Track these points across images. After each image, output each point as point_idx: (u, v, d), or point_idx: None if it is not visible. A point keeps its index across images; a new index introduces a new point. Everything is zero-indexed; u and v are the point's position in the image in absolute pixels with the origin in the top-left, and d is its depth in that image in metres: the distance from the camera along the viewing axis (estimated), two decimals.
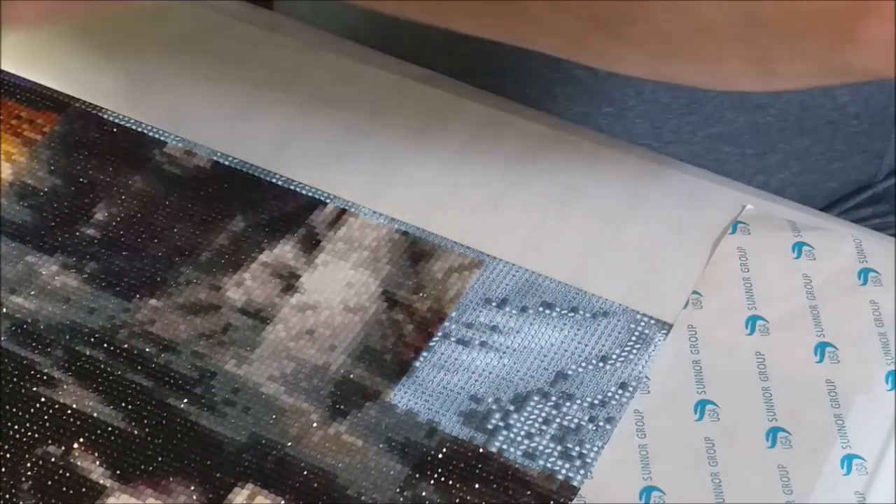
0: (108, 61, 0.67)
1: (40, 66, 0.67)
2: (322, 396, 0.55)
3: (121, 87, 0.66)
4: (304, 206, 0.61)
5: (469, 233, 0.60)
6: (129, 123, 0.65)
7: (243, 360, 0.56)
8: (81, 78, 0.66)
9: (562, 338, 0.56)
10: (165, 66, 0.67)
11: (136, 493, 0.52)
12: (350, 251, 0.59)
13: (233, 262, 0.59)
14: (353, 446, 0.53)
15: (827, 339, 0.56)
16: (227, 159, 0.63)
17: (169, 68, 0.67)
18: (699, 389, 0.54)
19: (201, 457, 0.53)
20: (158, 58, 0.67)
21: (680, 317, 0.57)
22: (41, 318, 0.57)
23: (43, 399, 0.55)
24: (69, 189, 0.62)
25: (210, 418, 0.54)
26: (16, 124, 0.65)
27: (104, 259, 0.59)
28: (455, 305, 0.57)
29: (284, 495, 0.52)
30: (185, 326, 0.57)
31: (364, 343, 0.56)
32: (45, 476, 0.53)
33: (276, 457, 0.53)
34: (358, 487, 0.52)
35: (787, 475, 0.52)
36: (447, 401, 0.54)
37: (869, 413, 0.53)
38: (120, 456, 0.53)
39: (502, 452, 0.53)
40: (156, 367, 0.56)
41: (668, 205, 0.61)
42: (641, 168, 0.62)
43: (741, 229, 0.59)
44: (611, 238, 0.60)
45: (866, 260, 0.58)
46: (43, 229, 0.61)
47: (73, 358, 0.56)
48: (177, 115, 0.65)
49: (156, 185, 0.62)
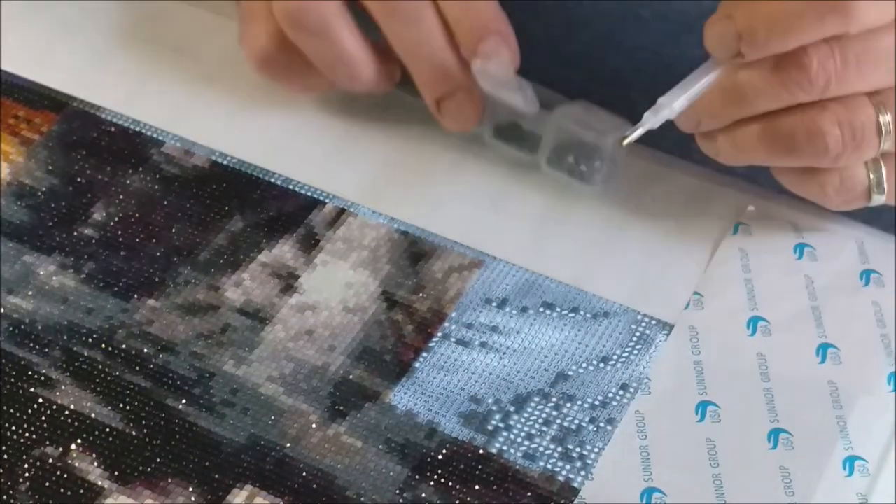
0: (106, 61, 0.67)
1: (38, 65, 0.67)
2: (321, 397, 0.55)
3: (119, 86, 0.66)
4: (303, 205, 0.61)
5: (469, 233, 0.60)
6: (127, 123, 0.64)
7: (242, 360, 0.56)
8: (79, 77, 0.66)
9: (562, 338, 0.56)
10: (164, 66, 0.67)
11: (134, 494, 0.52)
12: (349, 251, 0.59)
13: (231, 263, 0.59)
14: (353, 447, 0.53)
15: (829, 340, 0.55)
16: (225, 159, 0.63)
17: (167, 68, 0.67)
18: (700, 390, 0.54)
19: (200, 458, 0.53)
20: (157, 58, 0.67)
21: (681, 317, 0.56)
22: (39, 319, 0.57)
23: (41, 400, 0.55)
24: (67, 189, 0.62)
25: (209, 419, 0.54)
26: (13, 124, 0.64)
27: (102, 259, 0.59)
28: (455, 306, 0.57)
29: (283, 496, 0.52)
30: (183, 327, 0.57)
31: (363, 344, 0.56)
32: (43, 477, 0.52)
33: (275, 458, 0.53)
34: (357, 489, 0.52)
35: (789, 476, 0.51)
36: (447, 402, 0.54)
37: (871, 414, 0.53)
38: (118, 457, 0.53)
39: (502, 453, 0.53)
40: (154, 368, 0.56)
41: (669, 205, 0.60)
42: (643, 169, 0.61)
43: (743, 230, 0.59)
44: (612, 239, 0.60)
45: (868, 261, 0.58)
46: (41, 229, 0.60)
47: (71, 358, 0.56)
48: (175, 115, 0.65)
49: (154, 184, 0.62)
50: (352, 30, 0.59)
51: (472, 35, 0.57)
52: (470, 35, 0.58)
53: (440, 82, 0.59)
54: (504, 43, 0.57)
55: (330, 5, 0.59)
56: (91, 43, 0.68)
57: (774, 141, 0.54)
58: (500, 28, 0.58)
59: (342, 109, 0.65)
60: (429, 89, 0.60)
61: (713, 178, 0.62)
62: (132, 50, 0.68)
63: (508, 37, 0.58)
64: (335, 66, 0.60)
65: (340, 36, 0.59)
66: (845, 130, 0.52)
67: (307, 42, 0.60)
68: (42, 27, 0.69)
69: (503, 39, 0.57)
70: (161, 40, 0.68)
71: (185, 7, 0.69)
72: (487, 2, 0.58)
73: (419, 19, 0.58)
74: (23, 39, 0.68)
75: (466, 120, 0.60)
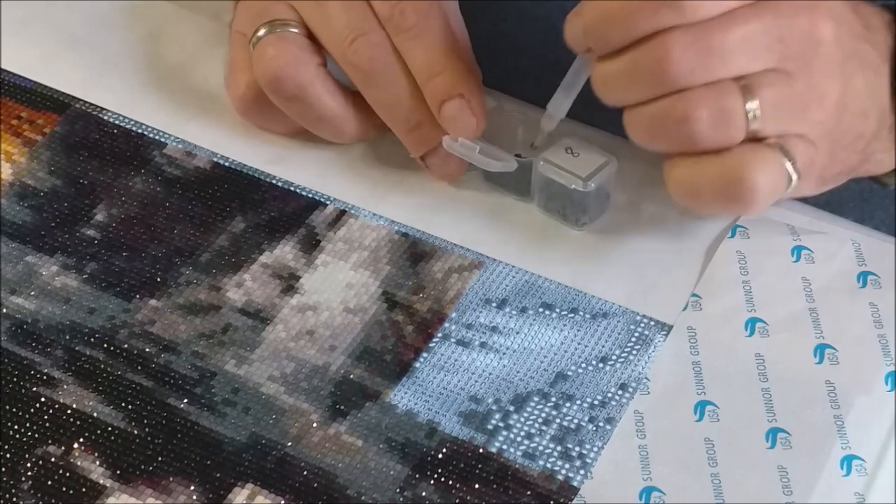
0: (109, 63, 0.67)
1: (41, 67, 0.67)
2: (322, 397, 0.55)
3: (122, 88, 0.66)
4: (304, 206, 0.61)
5: (469, 237, 0.60)
6: (130, 124, 0.65)
7: (243, 360, 0.56)
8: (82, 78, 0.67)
9: (562, 338, 0.56)
10: (166, 72, 0.67)
11: (135, 492, 0.52)
12: (350, 251, 0.59)
13: (233, 263, 0.59)
14: (353, 446, 0.53)
15: (826, 340, 0.56)
16: (226, 160, 0.63)
17: (171, 72, 0.67)
18: (699, 390, 0.54)
19: (201, 457, 0.53)
20: (160, 62, 0.68)
21: (680, 318, 0.57)
22: (41, 319, 0.57)
23: (43, 399, 0.55)
24: (69, 190, 0.62)
25: (210, 418, 0.54)
26: (16, 125, 0.65)
27: (104, 259, 0.59)
28: (455, 306, 0.57)
29: (284, 495, 0.52)
30: (185, 327, 0.57)
31: (364, 344, 0.56)
32: (45, 476, 0.53)
33: (276, 457, 0.53)
34: (358, 487, 0.52)
35: (787, 476, 0.52)
36: (447, 401, 0.54)
37: (869, 414, 0.53)
38: (120, 456, 0.53)
39: (502, 453, 0.53)
40: (156, 368, 0.56)
41: (668, 208, 0.61)
42: (642, 171, 0.62)
43: (740, 233, 0.59)
44: (611, 241, 0.60)
45: (865, 263, 0.58)
46: (43, 230, 0.61)
47: (73, 358, 0.56)
48: (178, 119, 0.65)
49: (156, 185, 0.62)
50: (331, 90, 0.60)
51: (437, 99, 0.58)
52: (434, 99, 0.58)
53: (420, 141, 0.60)
54: (466, 106, 0.58)
55: (308, 70, 0.60)
56: (94, 46, 0.68)
57: (645, 128, 0.54)
58: (465, 89, 0.58)
59: None
60: (410, 147, 0.61)
61: None
62: (135, 54, 0.68)
63: (472, 97, 0.58)
64: (317, 126, 0.62)
65: (320, 99, 0.60)
66: (713, 115, 0.53)
67: (287, 106, 0.61)
68: (45, 29, 0.69)
69: (465, 103, 0.58)
70: (166, 46, 0.68)
71: (186, 14, 0.70)
72: (457, 62, 0.58)
73: (392, 83, 0.59)
74: (26, 41, 0.68)
75: (451, 174, 0.61)
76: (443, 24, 0.58)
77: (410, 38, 0.58)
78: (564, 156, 0.59)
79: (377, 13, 0.59)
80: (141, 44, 0.68)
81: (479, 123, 0.59)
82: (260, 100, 0.61)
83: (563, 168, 0.58)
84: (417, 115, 0.59)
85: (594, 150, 0.59)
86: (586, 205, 0.59)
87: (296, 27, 0.60)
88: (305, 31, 0.60)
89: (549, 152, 0.59)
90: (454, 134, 0.59)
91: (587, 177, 0.58)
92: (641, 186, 0.62)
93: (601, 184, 0.58)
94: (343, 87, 0.61)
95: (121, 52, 0.68)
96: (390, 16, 0.58)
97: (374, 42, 0.58)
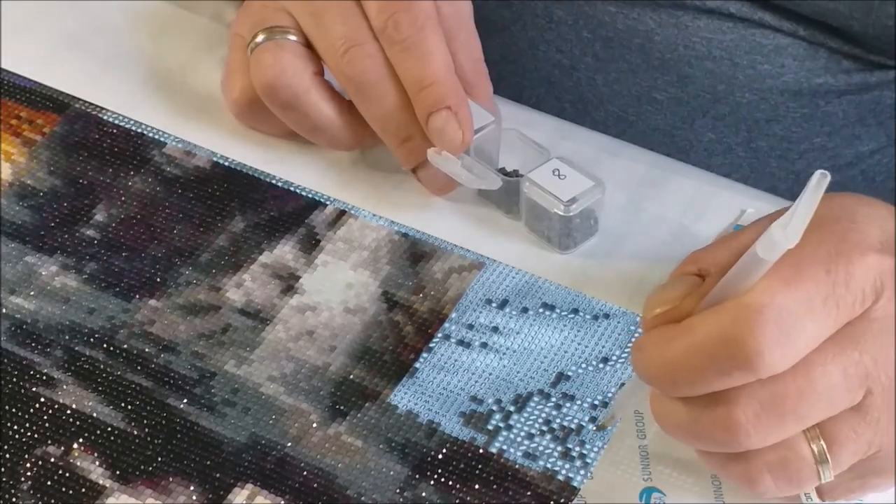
0: (109, 63, 0.67)
1: (41, 67, 0.67)
2: (322, 397, 0.55)
3: (121, 88, 0.66)
4: (303, 206, 0.61)
5: (470, 239, 0.60)
6: (129, 124, 0.65)
7: (243, 360, 0.56)
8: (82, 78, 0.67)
9: (562, 339, 0.56)
10: (166, 71, 0.67)
11: (135, 493, 0.52)
12: (350, 251, 0.59)
13: (232, 263, 0.59)
14: (353, 447, 0.53)
15: None
16: (226, 160, 0.63)
17: (171, 72, 0.67)
18: None
19: (201, 457, 0.53)
20: (159, 62, 0.68)
21: None
22: (41, 319, 0.57)
23: (42, 399, 0.55)
24: (69, 189, 0.62)
25: (210, 419, 0.54)
26: (16, 124, 0.65)
27: (104, 260, 0.59)
28: (455, 306, 0.57)
29: (284, 495, 0.52)
30: (184, 327, 0.57)
31: (364, 344, 0.56)
32: (45, 476, 0.53)
33: (276, 457, 0.53)
34: (358, 488, 0.52)
35: None
36: (447, 401, 0.54)
37: None
38: (119, 456, 0.53)
39: (503, 453, 0.53)
40: (155, 368, 0.56)
41: (668, 209, 0.61)
42: (642, 173, 0.62)
43: None
44: (611, 242, 0.60)
45: None
46: (42, 230, 0.60)
47: (73, 358, 0.56)
48: (177, 120, 0.65)
49: (155, 185, 0.62)
50: (327, 98, 0.60)
51: (424, 111, 0.58)
52: (422, 111, 0.58)
53: (410, 154, 0.60)
54: (453, 118, 0.58)
55: (304, 78, 0.60)
56: (94, 46, 0.68)
57: (714, 468, 0.50)
58: (453, 102, 0.58)
59: None
60: (401, 159, 0.61)
61: (712, 182, 0.62)
62: (135, 54, 0.68)
63: (459, 109, 0.58)
64: (313, 133, 0.62)
65: (315, 107, 0.60)
66: (777, 475, 0.48)
67: (282, 113, 0.61)
68: (45, 29, 0.69)
69: (452, 115, 0.58)
70: (163, 46, 0.68)
71: (186, 15, 0.70)
72: (448, 75, 0.58)
73: (384, 95, 0.59)
74: (26, 41, 0.68)
75: (441, 187, 0.61)
76: (436, 37, 0.58)
77: (403, 51, 0.58)
78: (550, 178, 0.58)
79: (372, 25, 0.58)
80: (141, 44, 0.68)
81: (465, 137, 0.58)
82: (255, 104, 0.61)
83: (547, 191, 0.58)
84: (408, 127, 0.59)
85: (582, 173, 0.58)
86: (569, 230, 0.59)
87: (294, 35, 0.60)
88: (303, 39, 0.60)
89: (535, 173, 0.58)
90: (440, 146, 0.58)
91: (569, 201, 0.58)
92: (642, 188, 0.62)
93: (586, 209, 0.58)
94: (339, 95, 0.61)
95: (121, 52, 0.68)
96: (384, 27, 0.58)
97: (367, 53, 0.58)
